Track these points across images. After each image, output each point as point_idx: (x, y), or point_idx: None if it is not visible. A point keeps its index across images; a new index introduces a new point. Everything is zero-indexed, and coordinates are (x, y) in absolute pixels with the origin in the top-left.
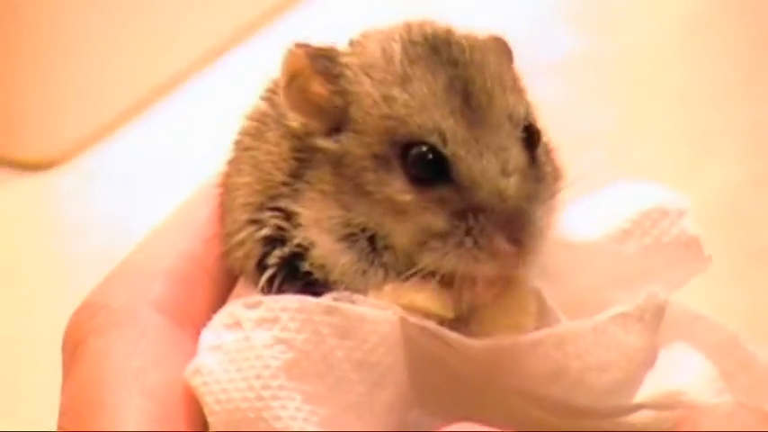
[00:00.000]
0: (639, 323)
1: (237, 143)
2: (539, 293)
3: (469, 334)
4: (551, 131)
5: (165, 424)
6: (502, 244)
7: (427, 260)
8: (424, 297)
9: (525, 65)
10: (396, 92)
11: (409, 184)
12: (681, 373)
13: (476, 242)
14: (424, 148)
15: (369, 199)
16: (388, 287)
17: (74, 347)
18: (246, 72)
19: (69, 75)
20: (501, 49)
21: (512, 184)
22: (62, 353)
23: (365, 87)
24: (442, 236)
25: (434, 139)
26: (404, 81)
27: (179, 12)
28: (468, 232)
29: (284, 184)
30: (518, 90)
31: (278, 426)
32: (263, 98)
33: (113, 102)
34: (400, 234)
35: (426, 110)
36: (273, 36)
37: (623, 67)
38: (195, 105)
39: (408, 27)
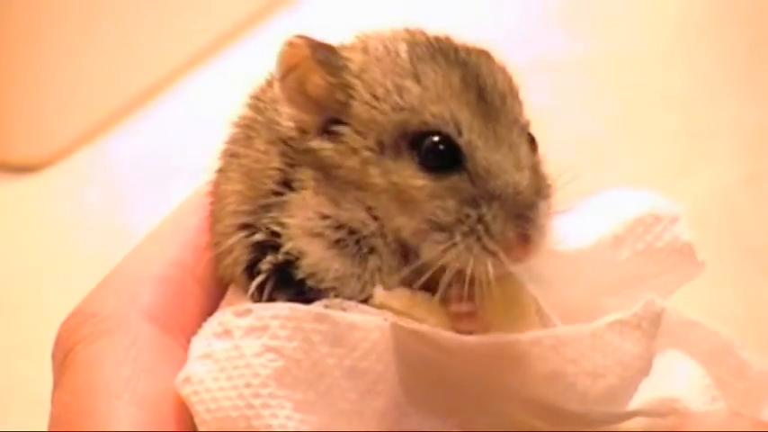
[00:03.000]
0: (637, 330)
1: (225, 151)
2: (536, 300)
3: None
4: (545, 134)
5: None
6: (514, 234)
7: (430, 253)
8: (416, 302)
9: (517, 66)
10: (408, 83)
11: (420, 172)
12: (675, 380)
13: (487, 230)
14: (437, 138)
15: (372, 191)
16: (381, 293)
17: (64, 356)
18: (237, 75)
19: (60, 77)
20: (496, 59)
21: (526, 177)
22: (52, 361)
23: (373, 79)
24: (450, 226)
25: (449, 129)
26: (414, 74)
27: (169, 13)
28: (479, 219)
29: (274, 192)
30: (520, 100)
31: None
32: (248, 105)
33: (104, 103)
34: (404, 224)
35: (442, 100)
36: (264, 39)
37: (616, 69)
38: (187, 106)
39: (408, 31)
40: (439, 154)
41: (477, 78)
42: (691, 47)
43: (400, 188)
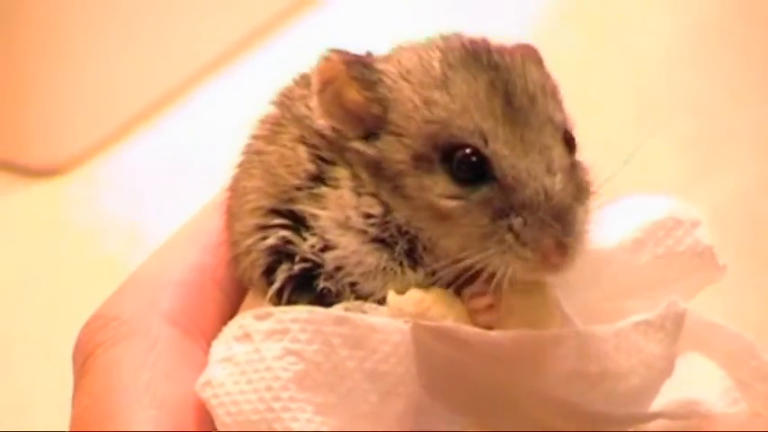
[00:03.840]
0: (660, 331)
1: (248, 147)
2: (558, 302)
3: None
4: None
5: None
6: (548, 242)
7: (470, 262)
8: (446, 307)
9: None
10: (436, 95)
11: (452, 186)
12: (696, 382)
13: (518, 239)
14: (468, 151)
15: (410, 203)
16: (414, 294)
17: (84, 359)
18: (255, 80)
19: (77, 82)
20: (535, 57)
21: (558, 182)
22: (73, 365)
23: (405, 92)
24: (485, 236)
25: (476, 141)
26: (444, 84)
27: (188, 19)
28: (509, 229)
29: (298, 188)
30: (558, 99)
31: None
32: (275, 103)
33: (121, 109)
34: (445, 238)
35: (467, 112)
36: (282, 45)
37: (635, 71)
38: (203, 113)
39: (445, 37)
40: (470, 166)
41: (506, 82)
42: (712, 51)
43: (434, 205)
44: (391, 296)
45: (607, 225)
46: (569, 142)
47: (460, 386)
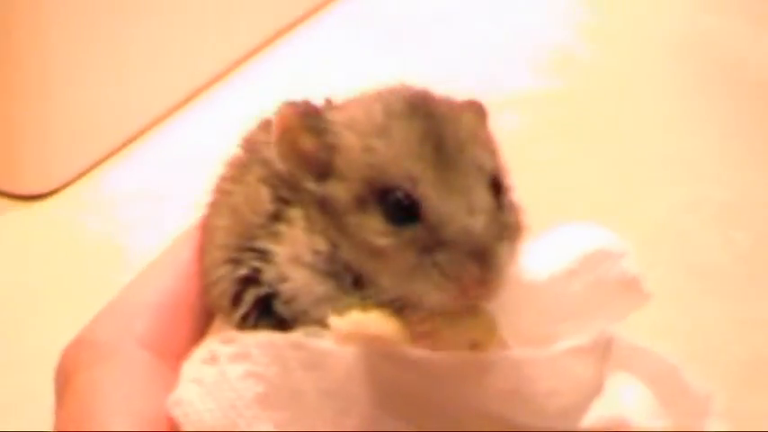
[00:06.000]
0: (590, 356)
1: (217, 188)
2: (496, 326)
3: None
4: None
5: None
6: (467, 276)
7: (402, 293)
8: (386, 326)
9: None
10: (375, 143)
11: (385, 225)
12: (623, 400)
13: (442, 273)
14: (400, 193)
15: (351, 240)
16: (355, 315)
17: (65, 380)
18: (235, 108)
19: (62, 107)
20: (477, 110)
21: (479, 222)
22: (54, 385)
23: (349, 140)
24: (413, 270)
25: (407, 184)
26: (383, 133)
27: (170, 49)
28: (434, 264)
29: (260, 226)
30: (490, 149)
31: None
32: (240, 146)
33: (107, 135)
34: (379, 272)
35: (400, 158)
36: (256, 78)
37: (576, 104)
38: (188, 136)
39: (389, 89)
40: (401, 207)
41: (439, 131)
42: (642, 84)
43: (369, 242)
44: (332, 318)
45: (541, 255)
46: (497, 186)
47: (407, 402)
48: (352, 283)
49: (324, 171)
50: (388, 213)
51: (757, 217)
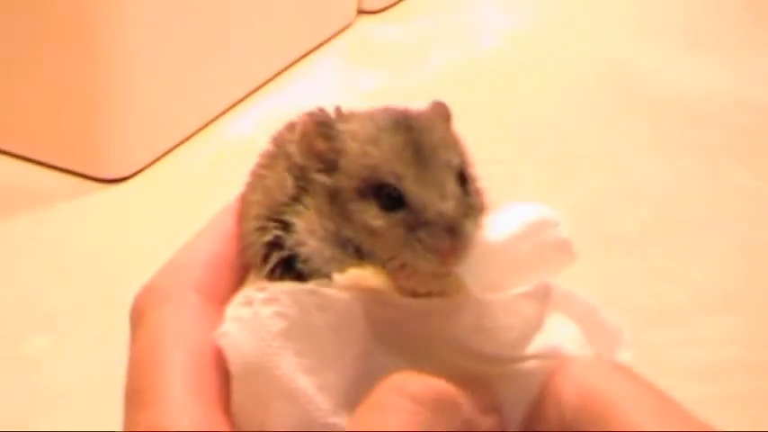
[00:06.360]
0: (534, 300)
1: (252, 172)
2: (463, 280)
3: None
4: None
5: (201, 372)
6: (442, 246)
7: (390, 261)
8: (377, 280)
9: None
10: (370, 149)
11: (379, 211)
12: (558, 333)
13: (424, 246)
14: (389, 188)
15: (353, 223)
16: (354, 271)
17: (137, 318)
18: (307, 94)
19: (141, 92)
20: (442, 112)
21: (449, 206)
22: (130, 322)
23: (351, 146)
24: (402, 244)
25: (394, 180)
26: (375, 141)
27: (245, 34)
28: (417, 239)
29: (285, 204)
30: (456, 147)
31: (277, 372)
32: (271, 142)
33: (186, 116)
34: (375, 247)
35: (388, 160)
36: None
37: (506, 107)
38: (260, 122)
39: (380, 108)
40: (390, 198)
41: (417, 139)
42: (562, 88)
43: (367, 224)
44: (335, 275)
45: (497, 225)
46: (463, 177)
47: (395, 337)
48: (353, 252)
49: (331, 167)
50: (380, 203)
51: (656, 196)
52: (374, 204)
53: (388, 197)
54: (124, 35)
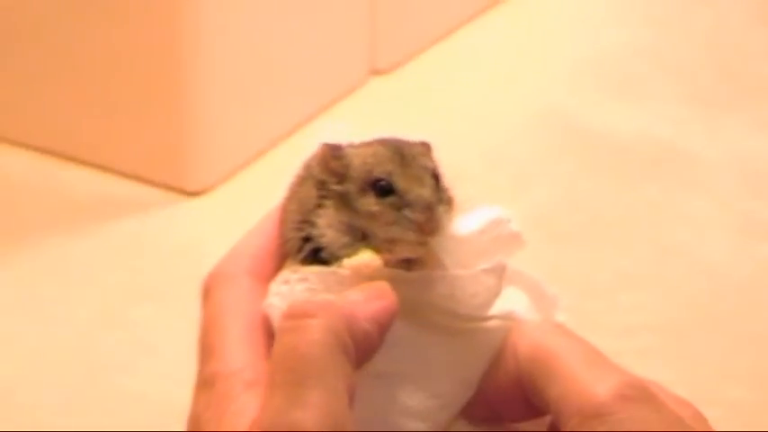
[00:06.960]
0: (494, 274)
1: (291, 186)
2: (441, 259)
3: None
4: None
5: (252, 332)
6: (422, 219)
7: (386, 235)
8: (375, 260)
9: None
10: (368, 158)
11: (376, 199)
12: (512, 301)
13: (408, 220)
14: (383, 182)
15: (359, 215)
16: (358, 256)
17: (205, 295)
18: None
19: (224, 108)
20: (426, 145)
21: (426, 192)
22: (200, 298)
23: (355, 161)
24: (393, 222)
25: (387, 177)
26: (373, 153)
27: (322, 46)
28: (404, 217)
29: (311, 210)
30: (432, 159)
31: None
32: (301, 167)
33: (264, 131)
34: (374, 226)
35: (382, 164)
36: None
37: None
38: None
39: (377, 139)
40: (384, 189)
41: (402, 149)
42: (523, 106)
43: (368, 210)
44: (345, 260)
45: (464, 222)
46: (437, 177)
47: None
48: (361, 237)
49: (342, 178)
50: (377, 193)
51: (587, 206)
52: (372, 195)
53: (382, 189)
54: (208, 55)
